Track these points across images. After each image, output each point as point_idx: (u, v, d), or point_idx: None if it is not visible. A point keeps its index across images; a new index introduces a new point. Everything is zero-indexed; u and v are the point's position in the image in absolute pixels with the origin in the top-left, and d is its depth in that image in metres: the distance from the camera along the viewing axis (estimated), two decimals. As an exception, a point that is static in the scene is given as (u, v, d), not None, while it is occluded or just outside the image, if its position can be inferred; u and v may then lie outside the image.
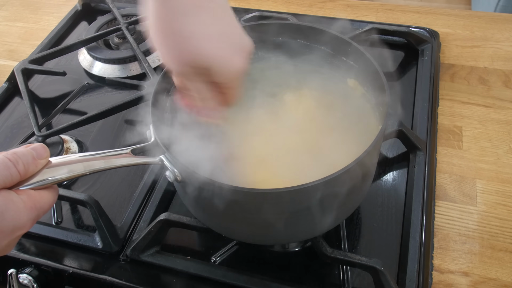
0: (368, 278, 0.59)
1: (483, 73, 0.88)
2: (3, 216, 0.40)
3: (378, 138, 0.50)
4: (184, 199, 0.60)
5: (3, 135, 0.84)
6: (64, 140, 0.79)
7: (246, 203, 0.50)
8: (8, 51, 1.04)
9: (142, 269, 0.63)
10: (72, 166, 0.47)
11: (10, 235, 0.41)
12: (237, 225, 0.56)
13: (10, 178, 0.42)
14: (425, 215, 0.66)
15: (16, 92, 0.91)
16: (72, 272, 0.63)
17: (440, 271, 0.63)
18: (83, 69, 0.95)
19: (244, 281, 0.60)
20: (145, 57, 0.89)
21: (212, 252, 0.65)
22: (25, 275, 0.62)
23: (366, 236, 0.66)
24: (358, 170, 0.49)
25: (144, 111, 0.55)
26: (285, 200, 0.48)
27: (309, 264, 0.64)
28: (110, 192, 0.73)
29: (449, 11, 1.02)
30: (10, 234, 0.41)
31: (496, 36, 0.95)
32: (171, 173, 0.50)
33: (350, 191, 0.52)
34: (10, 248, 0.43)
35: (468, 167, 0.74)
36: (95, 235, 0.66)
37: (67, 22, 1.06)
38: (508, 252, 0.64)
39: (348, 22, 0.97)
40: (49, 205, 0.45)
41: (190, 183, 0.50)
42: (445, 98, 0.84)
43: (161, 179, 0.72)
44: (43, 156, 0.44)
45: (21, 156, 0.43)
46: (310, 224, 0.54)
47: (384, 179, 0.72)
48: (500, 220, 0.67)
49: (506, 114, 0.81)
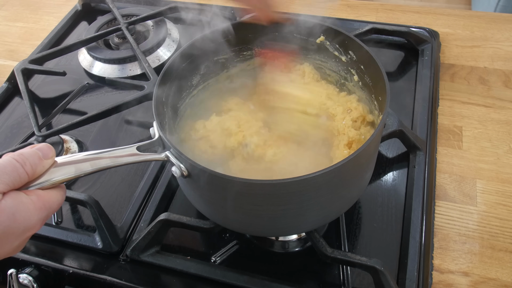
0: (368, 278, 0.59)
1: (483, 73, 0.88)
2: (14, 217, 0.40)
3: (380, 127, 0.51)
4: (188, 195, 0.60)
5: (3, 135, 0.84)
6: (64, 140, 0.79)
7: (254, 194, 0.50)
8: (8, 51, 1.04)
9: (142, 269, 0.63)
10: (79, 165, 0.47)
11: (21, 236, 0.42)
12: (244, 218, 0.57)
13: (18, 179, 0.42)
14: (425, 215, 0.66)
15: (16, 92, 0.91)
16: (72, 272, 0.63)
17: (440, 271, 0.63)
18: (83, 69, 0.95)
19: (244, 281, 0.60)
20: (145, 57, 0.89)
21: (212, 252, 0.65)
22: (25, 275, 0.62)
23: (366, 236, 0.66)
24: (362, 158, 0.50)
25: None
26: (292, 190, 0.48)
27: (309, 264, 0.64)
28: (110, 192, 0.73)
29: (449, 11, 1.02)
30: (21, 235, 0.42)
31: (496, 36, 0.95)
32: (177, 168, 0.50)
33: (353, 180, 0.53)
34: (20, 248, 0.44)
35: (468, 167, 0.74)
36: (95, 235, 0.66)
37: (67, 22, 1.06)
38: (508, 252, 0.64)
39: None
40: (58, 204, 0.45)
41: (196, 177, 0.51)
42: (445, 98, 0.84)
43: (161, 179, 0.72)
44: (49, 156, 0.45)
45: (28, 157, 0.43)
46: (315, 214, 0.55)
47: (384, 179, 0.72)
48: (500, 220, 0.67)
49: (506, 114, 0.81)
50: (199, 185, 0.53)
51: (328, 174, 0.47)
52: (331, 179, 0.49)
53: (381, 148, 0.76)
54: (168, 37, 0.97)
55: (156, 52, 0.94)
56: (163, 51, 0.95)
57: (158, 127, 0.52)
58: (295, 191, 0.49)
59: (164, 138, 0.51)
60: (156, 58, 0.94)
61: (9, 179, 0.41)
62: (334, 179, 0.49)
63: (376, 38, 0.92)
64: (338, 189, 0.53)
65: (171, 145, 0.50)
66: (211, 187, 0.52)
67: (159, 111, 0.56)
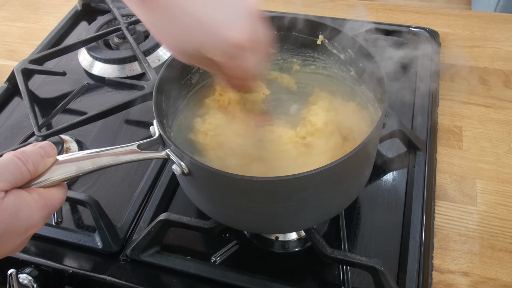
0: (368, 278, 0.59)
1: (483, 73, 0.88)
2: (16, 215, 0.40)
3: (379, 123, 0.51)
4: (189, 193, 0.60)
5: (3, 135, 0.84)
6: (64, 140, 0.79)
7: (255, 192, 0.50)
8: (8, 51, 1.04)
9: (142, 269, 0.63)
10: (80, 163, 0.47)
11: (23, 234, 0.42)
12: (244, 215, 0.57)
13: (21, 177, 0.42)
14: (425, 215, 0.66)
15: (16, 92, 0.91)
16: (72, 272, 0.63)
17: (440, 271, 0.63)
18: (83, 69, 0.95)
19: (244, 281, 0.60)
20: (145, 57, 0.90)
21: (212, 252, 0.65)
22: (25, 275, 0.62)
23: (366, 236, 0.66)
24: (362, 154, 0.50)
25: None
26: (293, 187, 0.48)
27: (309, 264, 0.64)
28: (110, 192, 0.73)
29: (449, 11, 1.02)
30: (24, 233, 0.42)
31: (496, 36, 0.95)
32: (177, 166, 0.51)
33: (353, 176, 0.54)
34: (22, 246, 0.44)
35: (468, 167, 0.74)
36: (95, 235, 0.66)
37: (67, 22, 1.06)
38: (508, 252, 0.64)
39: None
40: (60, 202, 0.45)
41: (197, 175, 0.51)
42: (445, 98, 0.84)
43: (161, 179, 0.72)
44: (51, 154, 0.45)
45: (30, 155, 0.43)
46: (315, 211, 0.55)
47: (384, 179, 0.72)
48: (500, 220, 0.67)
49: (506, 114, 0.81)
50: (199, 183, 0.53)
51: (328, 171, 0.47)
52: (331, 176, 0.49)
53: (381, 148, 0.76)
54: (168, 37, 0.97)
55: (156, 52, 0.94)
56: (163, 51, 0.95)
57: (158, 125, 0.52)
58: (295, 188, 0.49)
59: (164, 136, 0.51)
60: (156, 58, 0.94)
61: (11, 177, 0.41)
62: (334, 175, 0.49)
63: (376, 38, 0.92)
64: (338, 186, 0.53)
65: (171, 143, 0.50)
66: (212, 184, 0.52)
67: (159, 110, 0.56)
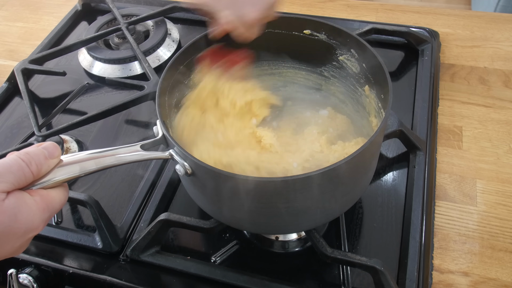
0: (368, 278, 0.59)
1: (483, 73, 0.88)
2: (16, 218, 0.40)
3: (382, 124, 0.51)
4: (191, 193, 0.60)
5: (3, 135, 0.84)
6: (64, 140, 0.79)
7: (258, 192, 0.50)
8: (8, 51, 1.04)
9: (142, 269, 0.63)
10: (83, 163, 0.47)
11: (22, 237, 0.41)
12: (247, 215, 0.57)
13: (23, 179, 0.41)
14: (425, 215, 0.66)
15: (16, 92, 0.91)
16: (72, 272, 0.63)
17: (440, 271, 0.63)
18: (83, 69, 0.95)
19: (244, 281, 0.60)
20: (145, 57, 0.90)
21: (212, 252, 0.65)
22: (25, 275, 0.62)
23: (366, 236, 0.66)
24: (365, 155, 0.51)
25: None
26: (296, 188, 0.49)
27: (309, 264, 0.64)
28: (110, 192, 0.73)
29: (449, 11, 1.02)
30: (23, 236, 0.41)
31: (496, 36, 0.95)
32: (181, 166, 0.51)
33: (357, 178, 0.54)
34: (23, 249, 0.43)
35: (468, 167, 0.74)
36: (95, 235, 0.66)
37: (67, 22, 1.06)
38: (508, 252, 0.64)
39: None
40: (61, 204, 0.45)
41: (200, 176, 0.51)
42: (445, 98, 0.84)
43: (161, 179, 0.72)
44: (55, 155, 0.44)
45: (34, 156, 0.42)
46: (318, 212, 0.55)
47: (384, 179, 0.72)
48: (500, 220, 0.67)
49: (506, 114, 0.81)
50: (203, 184, 0.53)
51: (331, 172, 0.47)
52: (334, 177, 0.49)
53: (381, 148, 0.76)
54: (168, 37, 0.97)
55: (156, 52, 0.94)
56: (163, 51, 0.95)
57: (161, 125, 0.52)
58: (299, 189, 0.49)
59: (168, 137, 0.51)
60: (156, 58, 0.94)
61: (14, 178, 0.40)
62: (337, 177, 0.49)
63: (376, 38, 0.92)
64: (340, 187, 0.53)
65: (175, 143, 0.50)
66: (215, 185, 0.52)
67: (162, 110, 0.56)
